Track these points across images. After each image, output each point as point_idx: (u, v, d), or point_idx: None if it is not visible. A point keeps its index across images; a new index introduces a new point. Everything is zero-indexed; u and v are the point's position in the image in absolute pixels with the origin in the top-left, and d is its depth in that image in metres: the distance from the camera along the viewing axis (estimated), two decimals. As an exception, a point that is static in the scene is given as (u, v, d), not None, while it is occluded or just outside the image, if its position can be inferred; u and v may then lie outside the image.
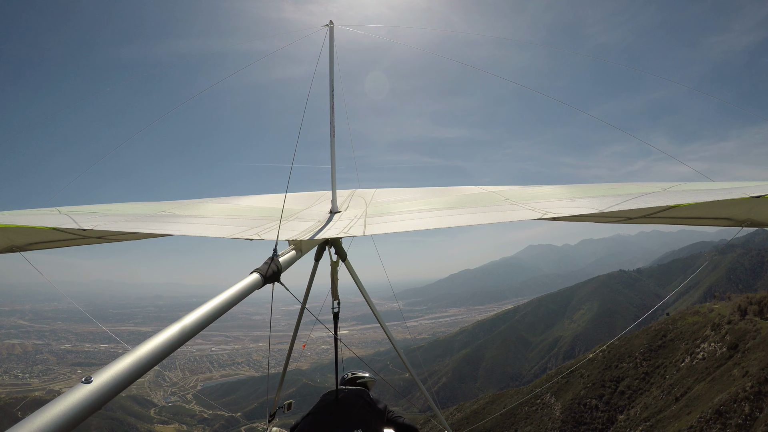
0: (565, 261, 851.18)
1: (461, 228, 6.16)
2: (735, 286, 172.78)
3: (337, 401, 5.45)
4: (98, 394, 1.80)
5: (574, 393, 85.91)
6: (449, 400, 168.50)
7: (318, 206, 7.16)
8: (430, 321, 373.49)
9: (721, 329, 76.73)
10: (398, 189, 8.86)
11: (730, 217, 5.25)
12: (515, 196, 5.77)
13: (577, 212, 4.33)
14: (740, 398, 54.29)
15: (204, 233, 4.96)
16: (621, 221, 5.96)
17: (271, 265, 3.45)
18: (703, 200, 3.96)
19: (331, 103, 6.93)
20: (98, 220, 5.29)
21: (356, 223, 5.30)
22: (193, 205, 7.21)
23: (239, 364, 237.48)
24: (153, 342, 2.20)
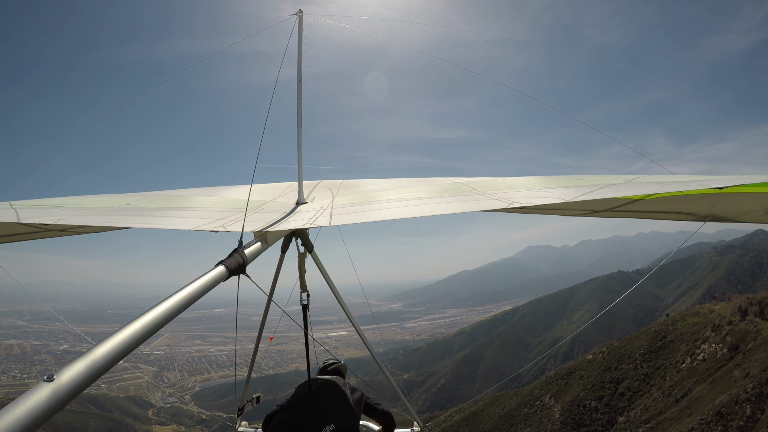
0: (564, 262, 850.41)
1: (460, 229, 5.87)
2: (734, 287, 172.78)
3: (310, 394, 5.38)
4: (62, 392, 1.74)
5: (574, 394, 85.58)
6: (448, 401, 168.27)
7: (284, 197, 7.04)
8: (429, 322, 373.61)
9: (722, 330, 76.49)
10: (365, 180, 8.66)
11: (693, 212, 5.26)
12: (482, 187, 5.69)
13: (542, 202, 4.28)
14: (741, 400, 53.92)
15: (167, 226, 4.86)
16: (586, 214, 5.94)
17: (236, 257, 3.34)
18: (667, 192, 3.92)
19: (298, 92, 6.84)
20: (60, 214, 5.23)
21: (322, 213, 5.22)
22: (158, 198, 7.14)
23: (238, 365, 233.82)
24: (117, 338, 2.13)
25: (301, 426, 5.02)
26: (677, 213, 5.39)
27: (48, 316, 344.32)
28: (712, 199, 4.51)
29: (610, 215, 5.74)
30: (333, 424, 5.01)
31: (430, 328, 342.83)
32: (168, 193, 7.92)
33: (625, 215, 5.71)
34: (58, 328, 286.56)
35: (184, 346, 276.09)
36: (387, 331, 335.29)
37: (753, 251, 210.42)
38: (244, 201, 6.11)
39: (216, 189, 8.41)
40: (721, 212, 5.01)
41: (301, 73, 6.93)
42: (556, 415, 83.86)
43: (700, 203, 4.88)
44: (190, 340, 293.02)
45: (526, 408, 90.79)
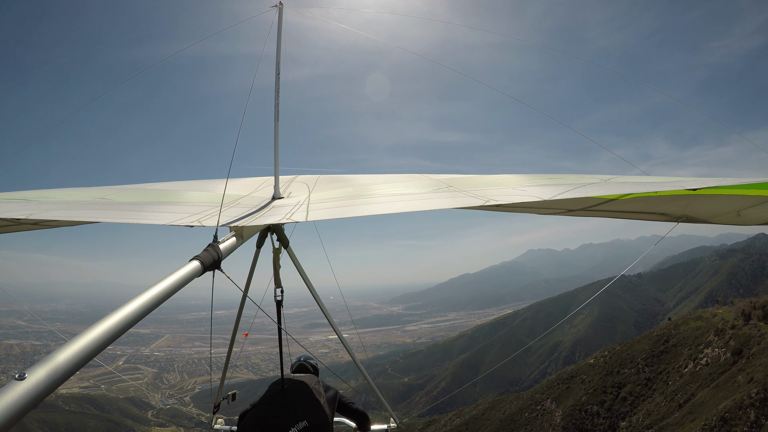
0: (565, 265, 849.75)
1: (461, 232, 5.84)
2: (736, 291, 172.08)
3: (283, 391, 5.39)
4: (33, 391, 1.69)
5: (575, 399, 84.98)
6: (448, 404, 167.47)
7: (260, 192, 7.02)
8: (430, 325, 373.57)
9: (725, 334, 75.86)
10: (342, 175, 8.63)
11: (667, 212, 5.37)
12: (459, 184, 5.68)
13: (518, 200, 4.28)
14: (746, 405, 53.19)
15: (141, 220, 4.75)
16: (562, 212, 5.98)
17: (211, 252, 3.33)
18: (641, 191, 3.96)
19: (276, 86, 6.83)
20: (32, 208, 5.21)
21: (299, 209, 5.19)
22: (132, 192, 7.06)
23: (237, 367, 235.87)
24: (90, 335, 2.08)
25: (274, 422, 4.99)
26: (651, 213, 5.52)
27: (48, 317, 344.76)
28: (686, 200, 4.59)
29: (585, 214, 5.85)
30: (306, 420, 5.00)
31: (431, 331, 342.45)
32: (142, 187, 7.86)
33: (599, 215, 5.80)
34: (59, 328, 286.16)
35: (185, 348, 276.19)
36: (388, 334, 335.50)
37: (755, 255, 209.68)
38: (219, 195, 6.10)
39: (191, 183, 8.38)
40: (694, 213, 5.14)
41: (279, 66, 6.92)
42: (558, 419, 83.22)
43: (674, 204, 4.96)
44: (190, 341, 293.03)
45: (527, 412, 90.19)
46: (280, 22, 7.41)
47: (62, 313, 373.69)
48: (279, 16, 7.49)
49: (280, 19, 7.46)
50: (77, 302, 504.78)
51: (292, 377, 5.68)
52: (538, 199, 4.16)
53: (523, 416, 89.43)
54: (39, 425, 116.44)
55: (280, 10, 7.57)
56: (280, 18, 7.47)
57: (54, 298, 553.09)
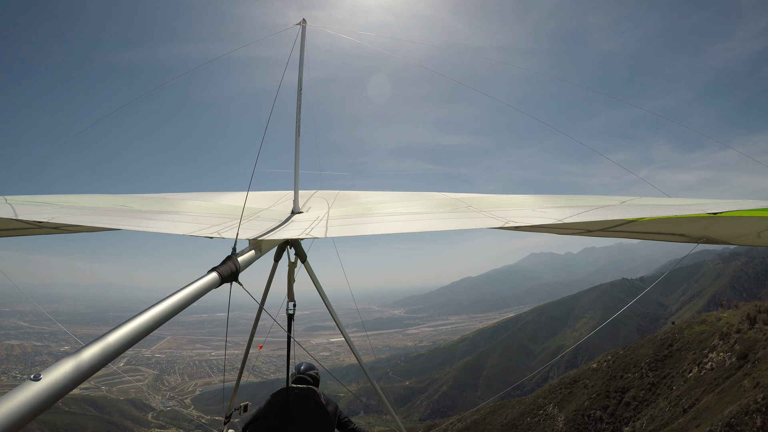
0: (568, 269, 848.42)
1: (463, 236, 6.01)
2: (739, 295, 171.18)
3: (287, 404, 5.43)
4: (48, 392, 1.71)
5: (578, 404, 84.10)
6: (449, 408, 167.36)
7: (280, 206, 7.14)
8: (431, 328, 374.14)
9: (730, 338, 74.83)
10: (362, 192, 8.77)
11: (687, 233, 5.37)
12: (478, 204, 5.80)
13: (537, 222, 4.35)
14: (752, 410, 52.20)
15: (162, 229, 4.83)
16: (581, 233, 6.01)
17: (230, 264, 3.40)
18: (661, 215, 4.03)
19: (298, 102, 6.94)
20: (55, 212, 5.28)
21: (318, 224, 5.25)
22: (153, 201, 7.22)
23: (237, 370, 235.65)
24: (106, 340, 2.11)
25: None
26: (671, 234, 5.53)
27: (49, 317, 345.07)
28: (707, 221, 4.56)
29: (604, 235, 5.83)
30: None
31: (433, 334, 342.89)
32: (163, 197, 7.96)
33: (619, 235, 5.79)
34: (60, 329, 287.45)
35: (186, 350, 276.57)
36: (389, 337, 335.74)
37: (758, 258, 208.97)
38: (239, 208, 6.13)
39: (211, 194, 8.46)
40: (714, 234, 5.13)
41: (302, 83, 7.07)
42: (560, 424, 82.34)
43: (693, 225, 4.94)
44: (191, 343, 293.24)
45: (528, 417, 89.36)
46: (303, 39, 7.45)
47: (63, 314, 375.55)
48: (302, 33, 7.53)
49: (303, 36, 7.49)
50: (78, 303, 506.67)
51: (296, 389, 5.72)
52: (558, 221, 4.18)
53: (525, 421, 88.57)
54: (38, 426, 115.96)
55: (303, 27, 7.62)
56: (303, 35, 7.51)
57: (55, 299, 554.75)
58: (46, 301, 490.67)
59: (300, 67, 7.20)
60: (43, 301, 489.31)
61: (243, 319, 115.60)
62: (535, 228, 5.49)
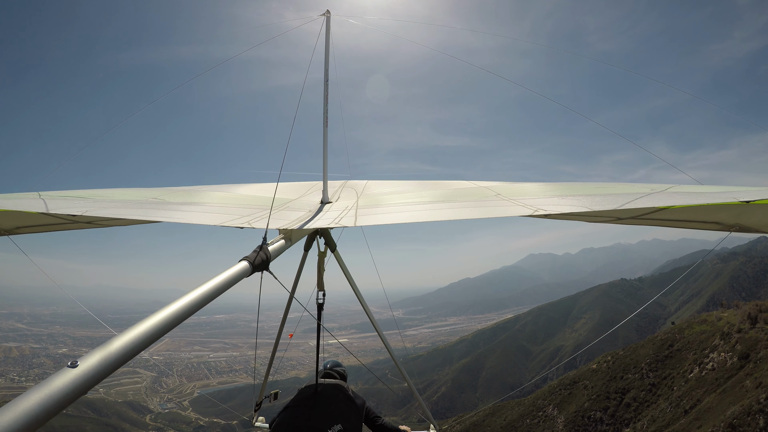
0: (566, 270, 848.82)
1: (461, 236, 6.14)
2: (738, 294, 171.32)
3: (317, 393, 5.39)
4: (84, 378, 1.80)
5: (578, 405, 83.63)
6: (448, 410, 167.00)
7: (309, 196, 7.16)
8: (430, 330, 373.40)
9: (731, 338, 74.42)
10: (390, 181, 8.77)
11: (719, 221, 5.19)
12: (506, 192, 5.70)
13: (567, 210, 4.29)
14: (754, 411, 51.72)
15: (194, 220, 4.90)
16: (611, 221, 5.89)
17: (260, 254, 3.46)
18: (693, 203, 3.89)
19: (325, 92, 6.90)
20: (88, 205, 5.30)
21: (347, 213, 5.24)
22: (185, 193, 7.24)
23: (237, 372, 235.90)
24: (141, 327, 2.20)
25: (309, 424, 4.97)
26: (702, 222, 5.34)
27: (47, 319, 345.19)
28: (739, 209, 4.44)
29: (634, 222, 5.69)
30: (340, 424, 4.98)
31: (431, 335, 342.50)
32: (193, 189, 8.02)
33: (649, 223, 5.65)
34: (58, 331, 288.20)
35: (184, 352, 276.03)
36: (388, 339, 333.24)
37: (757, 258, 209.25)
38: (268, 198, 6.27)
39: (238, 186, 8.53)
40: (747, 222, 4.95)
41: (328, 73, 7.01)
42: (560, 426, 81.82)
43: (726, 213, 4.79)
44: (189, 345, 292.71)
45: (528, 419, 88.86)
46: (327, 30, 7.43)
47: (62, 315, 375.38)
48: (326, 24, 7.51)
49: (327, 27, 7.48)
50: (77, 305, 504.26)
51: (324, 382, 5.72)
52: (589, 209, 4.09)
53: (525, 422, 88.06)
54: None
55: (328, 18, 7.60)
56: (328, 26, 7.50)
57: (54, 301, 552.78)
58: (45, 303, 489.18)
59: (326, 58, 7.15)
60: (41, 303, 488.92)
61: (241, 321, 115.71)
62: (564, 216, 5.36)
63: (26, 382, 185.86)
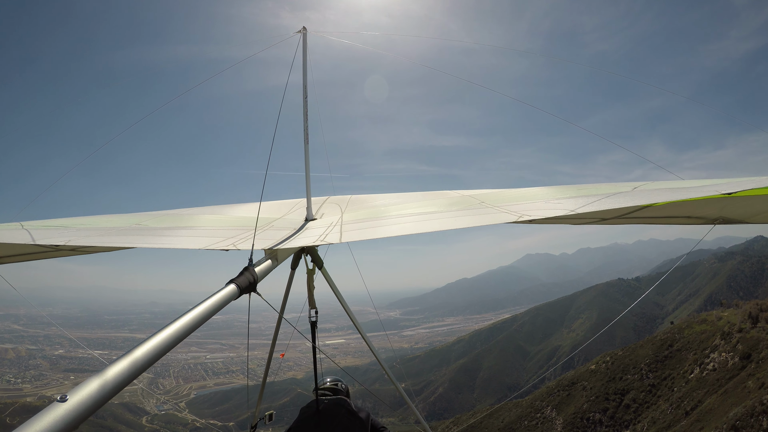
0: (563, 270, 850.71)
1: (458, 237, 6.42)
2: (736, 294, 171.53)
3: (318, 412, 5.40)
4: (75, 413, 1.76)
5: (577, 406, 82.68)
6: (446, 410, 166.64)
7: (293, 214, 7.21)
8: (427, 330, 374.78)
9: (732, 338, 73.45)
10: (374, 195, 8.88)
11: (703, 215, 5.41)
12: (491, 200, 5.78)
13: (551, 214, 4.40)
14: (757, 412, 50.63)
15: (178, 245, 4.98)
16: (596, 222, 6.03)
17: (247, 275, 3.47)
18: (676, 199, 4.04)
19: (304, 110, 6.97)
20: (71, 235, 5.44)
21: (332, 230, 5.33)
22: (167, 217, 7.36)
23: (234, 373, 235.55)
24: (130, 357, 2.17)
25: None
26: (686, 217, 5.49)
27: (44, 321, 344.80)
28: (722, 202, 4.55)
29: (619, 222, 5.84)
30: None
31: (428, 336, 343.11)
32: (176, 212, 8.19)
33: (634, 222, 5.76)
34: (54, 332, 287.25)
35: (181, 353, 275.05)
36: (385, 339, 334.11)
37: (754, 257, 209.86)
38: (252, 219, 6.33)
39: (223, 207, 8.66)
40: (730, 214, 5.12)
41: (307, 90, 7.06)
42: (558, 428, 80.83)
43: (709, 207, 4.92)
44: (186, 346, 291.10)
45: (526, 420, 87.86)
46: (305, 47, 7.48)
47: (58, 317, 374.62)
48: (303, 41, 7.53)
49: (304, 44, 7.51)
50: (73, 307, 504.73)
51: (325, 399, 5.73)
52: (573, 212, 4.14)
53: (523, 424, 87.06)
54: None
55: (304, 35, 7.61)
56: (305, 43, 7.53)
57: (50, 302, 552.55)
58: (41, 305, 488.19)
59: (303, 75, 7.18)
60: (37, 304, 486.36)
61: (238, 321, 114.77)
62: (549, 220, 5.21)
63: (22, 384, 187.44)
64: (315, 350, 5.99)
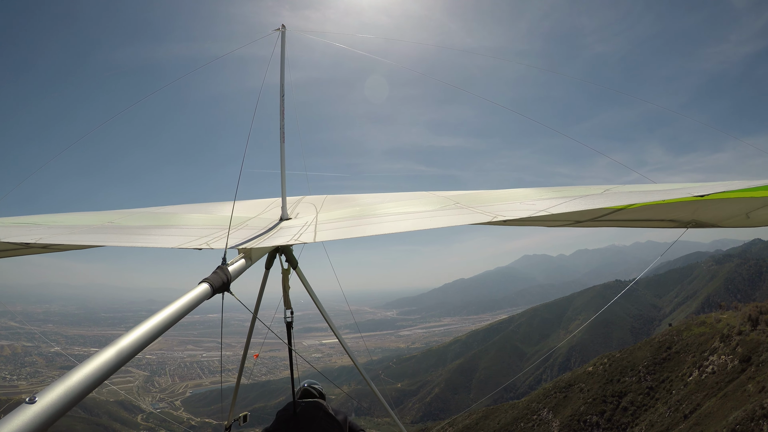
0: (560, 271, 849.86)
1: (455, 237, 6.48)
2: (733, 296, 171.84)
3: (295, 415, 5.44)
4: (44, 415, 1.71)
5: (573, 409, 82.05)
6: (442, 411, 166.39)
7: (268, 213, 7.19)
8: (424, 330, 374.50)
9: (732, 340, 73.01)
10: (349, 195, 8.87)
11: (676, 218, 5.46)
12: (466, 201, 5.82)
13: (525, 215, 4.44)
14: (758, 416, 49.90)
15: (150, 244, 4.97)
16: (570, 224, 6.04)
17: (220, 275, 3.46)
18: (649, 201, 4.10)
19: (281, 108, 6.97)
20: (42, 232, 5.48)
21: (307, 230, 5.33)
22: (140, 215, 7.29)
23: (230, 371, 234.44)
24: (102, 356, 2.10)
25: None
26: (660, 220, 5.64)
27: (40, 318, 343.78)
28: (695, 205, 4.64)
29: (593, 225, 5.89)
30: None
31: (425, 336, 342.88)
32: (149, 210, 8.15)
33: (608, 224, 5.86)
34: (51, 329, 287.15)
35: (177, 351, 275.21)
36: (381, 339, 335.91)
37: (752, 260, 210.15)
38: (227, 218, 6.09)
39: (199, 206, 8.66)
40: (702, 218, 5.19)
41: (284, 89, 7.04)
42: (555, 430, 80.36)
43: (682, 210, 5.01)
44: (182, 344, 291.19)
45: (522, 422, 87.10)
46: (283, 46, 7.46)
47: (55, 314, 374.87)
48: (281, 39, 7.51)
49: (283, 42, 7.49)
50: (70, 304, 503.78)
51: (302, 402, 5.74)
52: (546, 212, 4.21)
53: (519, 426, 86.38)
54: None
55: (283, 33, 7.57)
56: (283, 41, 7.50)
57: (47, 299, 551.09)
58: (38, 302, 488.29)
59: (281, 73, 7.16)
60: (35, 301, 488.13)
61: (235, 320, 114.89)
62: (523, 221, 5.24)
63: (18, 381, 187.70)
64: (291, 352, 5.94)
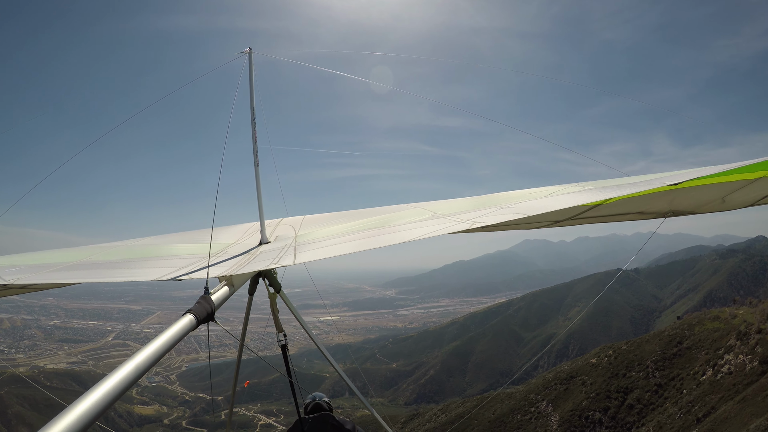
0: (561, 257, 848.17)
1: None
2: (736, 292, 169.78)
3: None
4: None
5: (575, 403, 78.23)
6: (436, 393, 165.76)
7: (247, 239, 7.15)
8: (422, 310, 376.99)
9: (750, 339, 68.26)
10: (325, 214, 8.87)
11: (654, 210, 5.50)
12: (442, 210, 5.89)
13: (503, 219, 4.47)
14: (784, 426, 46.29)
15: (129, 278, 5.03)
16: (550, 225, 6.10)
17: (204, 305, 3.45)
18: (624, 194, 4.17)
19: (253, 131, 6.90)
20: (19, 272, 5.56)
21: (286, 252, 5.33)
22: (118, 249, 7.37)
23: (227, 346, 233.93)
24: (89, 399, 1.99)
25: None
26: (638, 213, 5.63)
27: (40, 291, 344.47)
28: (671, 195, 4.70)
29: (573, 223, 5.96)
30: None
31: (423, 316, 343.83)
32: (127, 243, 8.22)
33: (587, 221, 5.88)
34: (51, 303, 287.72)
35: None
36: (379, 318, 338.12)
37: (756, 257, 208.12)
38: (206, 246, 6.12)
39: (177, 235, 8.71)
40: (679, 207, 5.27)
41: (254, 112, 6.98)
42: (554, 425, 76.47)
43: (659, 201, 5.09)
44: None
45: (519, 414, 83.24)
46: (251, 68, 7.41)
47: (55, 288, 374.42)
48: (249, 61, 7.47)
49: (250, 64, 7.44)
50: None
51: (309, 419, 5.81)
52: (525, 215, 4.23)
53: (516, 418, 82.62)
54: (18, 401, 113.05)
55: (250, 55, 7.52)
56: (251, 63, 7.45)
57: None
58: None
59: (251, 95, 7.04)
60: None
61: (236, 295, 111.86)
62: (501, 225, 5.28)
63: (15, 354, 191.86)
64: (290, 373, 5.84)
